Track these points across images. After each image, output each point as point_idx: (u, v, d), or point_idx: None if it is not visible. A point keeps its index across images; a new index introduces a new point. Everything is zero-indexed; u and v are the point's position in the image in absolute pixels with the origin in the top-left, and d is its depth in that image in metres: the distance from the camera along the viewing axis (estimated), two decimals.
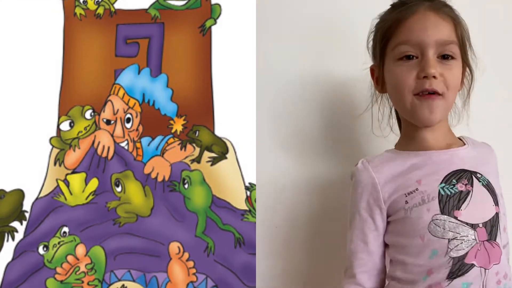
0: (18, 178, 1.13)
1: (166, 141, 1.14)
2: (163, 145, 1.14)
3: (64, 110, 1.15)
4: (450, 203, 0.93)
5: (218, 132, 1.15)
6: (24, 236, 1.12)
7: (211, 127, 1.15)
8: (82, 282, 1.10)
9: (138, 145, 1.15)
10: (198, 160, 1.14)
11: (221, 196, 1.13)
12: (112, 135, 1.15)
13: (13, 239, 1.12)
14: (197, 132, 1.15)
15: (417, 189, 0.96)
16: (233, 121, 1.15)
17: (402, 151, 1.03)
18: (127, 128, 1.15)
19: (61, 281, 1.11)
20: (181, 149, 1.14)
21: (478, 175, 0.97)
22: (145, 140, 1.15)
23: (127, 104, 1.15)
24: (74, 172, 1.14)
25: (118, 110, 1.15)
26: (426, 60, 0.95)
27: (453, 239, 0.91)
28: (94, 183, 1.13)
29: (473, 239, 0.91)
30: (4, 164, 1.13)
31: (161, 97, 1.16)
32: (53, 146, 1.14)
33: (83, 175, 1.14)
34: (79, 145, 1.14)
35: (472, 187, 0.95)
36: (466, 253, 0.90)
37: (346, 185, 1.09)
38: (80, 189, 1.13)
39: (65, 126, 1.15)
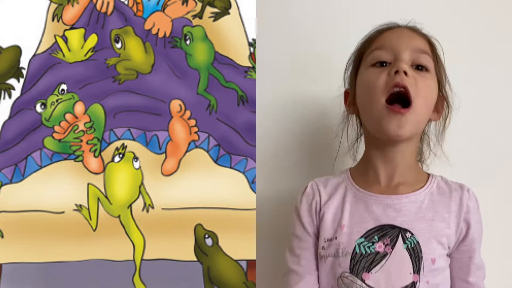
0: (15, 34, 1.09)
1: None
2: (164, 0, 1.11)
3: None
4: (362, 263, 0.90)
5: None
6: (21, 93, 1.09)
7: None
8: (81, 141, 1.07)
9: (138, 0, 1.11)
10: (200, 15, 1.11)
11: (224, 53, 1.10)
12: None
13: (9, 96, 1.09)
14: None
15: (336, 238, 0.94)
16: None
17: (351, 180, 1.01)
18: None
19: (59, 140, 1.08)
20: (182, 4, 1.11)
21: (407, 234, 0.91)
22: None
23: None
24: (72, 27, 1.10)
25: None
26: (399, 59, 0.94)
27: None
28: (93, 39, 1.10)
29: None
30: (0, 20, 1.10)
31: None
32: (51, 1, 1.10)
33: (82, 31, 1.10)
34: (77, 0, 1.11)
35: (393, 249, 0.90)
36: None
37: None
38: (78, 46, 1.10)
39: None
